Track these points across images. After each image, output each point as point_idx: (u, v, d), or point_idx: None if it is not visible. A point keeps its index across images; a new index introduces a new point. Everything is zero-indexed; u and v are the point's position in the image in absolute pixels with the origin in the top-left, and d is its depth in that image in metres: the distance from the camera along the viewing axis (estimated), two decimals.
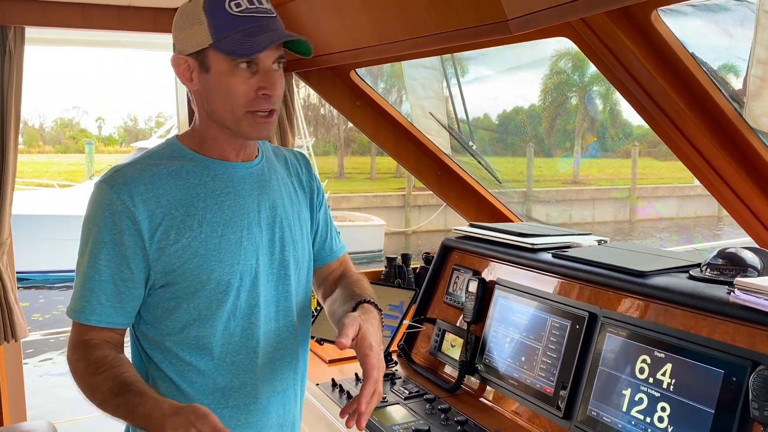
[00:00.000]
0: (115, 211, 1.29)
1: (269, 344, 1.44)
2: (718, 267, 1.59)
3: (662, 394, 1.47)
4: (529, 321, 1.88)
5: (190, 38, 1.31)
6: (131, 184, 1.30)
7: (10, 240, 2.74)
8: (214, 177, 1.37)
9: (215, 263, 1.34)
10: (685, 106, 1.81)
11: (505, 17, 1.77)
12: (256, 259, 1.39)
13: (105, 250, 1.30)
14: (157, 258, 1.31)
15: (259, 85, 1.31)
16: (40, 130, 45.90)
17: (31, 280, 12.29)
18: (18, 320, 2.75)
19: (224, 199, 1.37)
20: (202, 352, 1.37)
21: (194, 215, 1.33)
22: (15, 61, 2.57)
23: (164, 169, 1.34)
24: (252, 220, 1.39)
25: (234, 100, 1.31)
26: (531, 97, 24.48)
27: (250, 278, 1.38)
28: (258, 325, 1.41)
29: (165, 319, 1.36)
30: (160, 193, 1.32)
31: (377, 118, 3.07)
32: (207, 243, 1.33)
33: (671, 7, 1.65)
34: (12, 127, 2.61)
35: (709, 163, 1.91)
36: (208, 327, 1.36)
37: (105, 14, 2.67)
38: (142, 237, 1.30)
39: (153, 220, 1.30)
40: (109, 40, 3.45)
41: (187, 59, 1.33)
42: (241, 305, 1.38)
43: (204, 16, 1.29)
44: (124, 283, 1.31)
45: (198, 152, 1.39)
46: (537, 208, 20.18)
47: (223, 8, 1.28)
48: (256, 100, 1.31)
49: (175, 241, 1.31)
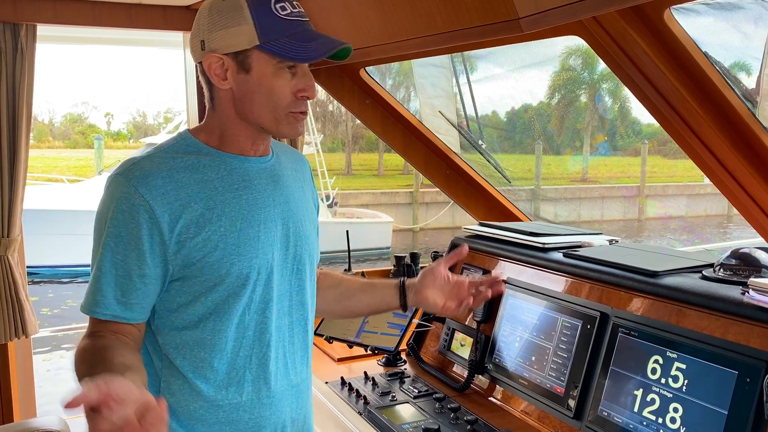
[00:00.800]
0: (133, 205, 1.27)
1: (282, 338, 1.45)
2: (731, 267, 1.58)
3: (675, 395, 1.46)
4: (539, 320, 1.87)
5: (230, 37, 1.29)
6: (149, 177, 1.29)
7: (21, 237, 2.75)
8: (231, 171, 1.37)
9: (235, 257, 1.34)
10: (697, 105, 1.80)
11: (516, 15, 1.76)
12: (272, 254, 1.40)
13: (121, 244, 1.28)
14: (176, 252, 1.30)
15: (298, 87, 1.33)
16: (49, 125, 46.09)
17: (40, 274, 12.37)
18: (29, 317, 2.77)
19: (241, 193, 1.37)
20: (216, 346, 1.37)
21: (213, 209, 1.33)
22: (27, 58, 2.58)
23: (181, 162, 1.33)
24: (268, 214, 1.40)
25: (277, 101, 1.33)
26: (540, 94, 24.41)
27: (266, 272, 1.39)
28: (271, 319, 1.41)
29: (180, 312, 1.36)
30: (178, 186, 1.31)
31: (386, 116, 3.07)
32: (226, 237, 1.33)
33: (684, 6, 1.63)
34: (24, 124, 2.63)
35: (720, 162, 1.90)
36: (224, 321, 1.36)
37: (115, 12, 2.68)
38: (162, 231, 1.28)
39: (173, 213, 1.29)
40: (118, 38, 3.47)
41: (222, 58, 1.31)
42: (256, 299, 1.38)
43: (249, 16, 1.28)
44: (141, 278, 1.30)
45: (213, 147, 1.39)
46: (545, 206, 20.14)
47: (270, 10, 1.28)
48: (296, 102, 1.34)
49: (195, 234, 1.30)
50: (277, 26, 1.29)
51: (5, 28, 2.53)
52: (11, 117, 2.60)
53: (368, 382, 2.05)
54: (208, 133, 1.40)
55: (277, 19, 1.29)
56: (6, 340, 2.72)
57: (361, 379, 2.08)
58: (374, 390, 1.99)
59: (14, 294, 2.72)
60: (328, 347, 2.38)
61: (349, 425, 1.87)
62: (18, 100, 2.59)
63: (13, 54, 2.56)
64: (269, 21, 1.28)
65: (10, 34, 2.54)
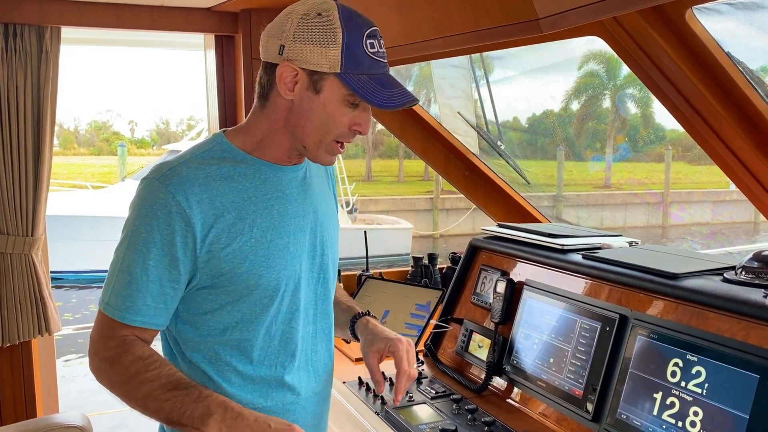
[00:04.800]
0: (170, 211, 1.25)
1: (307, 346, 1.45)
2: (753, 270, 1.56)
3: (695, 399, 1.44)
4: (558, 322, 1.86)
5: (314, 55, 1.26)
6: (186, 185, 1.27)
7: (45, 236, 2.80)
8: (265, 181, 1.36)
9: (264, 269, 1.33)
10: (720, 107, 1.77)
11: (536, 16, 1.75)
12: (300, 265, 1.40)
13: (155, 250, 1.26)
14: (206, 261, 1.29)
15: (355, 121, 1.32)
16: (75, 132, 46.83)
17: (64, 279, 12.52)
18: (52, 314, 2.81)
19: (273, 203, 1.36)
20: (242, 354, 1.37)
21: (245, 219, 1.32)
22: (51, 60, 2.63)
23: (217, 171, 1.31)
24: (297, 225, 1.40)
25: (331, 128, 1.31)
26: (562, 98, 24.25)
27: (293, 283, 1.39)
28: (297, 328, 1.42)
29: (206, 319, 1.35)
30: (213, 195, 1.29)
31: (405, 118, 3.07)
32: (257, 248, 1.32)
33: (707, 6, 1.61)
34: (48, 125, 2.67)
35: (745, 166, 1.87)
36: (251, 330, 1.36)
37: (138, 14, 2.72)
38: (195, 239, 1.27)
39: (206, 222, 1.28)
40: (140, 40, 3.52)
41: (298, 70, 1.28)
42: (283, 309, 1.39)
43: (341, 42, 1.25)
44: (171, 284, 1.29)
45: (248, 152, 1.37)
46: (568, 211, 19.98)
47: (360, 43, 1.26)
48: (348, 133, 1.33)
49: (226, 245, 1.29)
50: (363, 61, 1.27)
51: (30, 31, 2.58)
52: (36, 118, 2.65)
53: (386, 382, 2.05)
54: (246, 135, 1.38)
55: (363, 54, 1.27)
56: (30, 337, 2.77)
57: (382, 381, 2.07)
58: (392, 390, 1.99)
59: (38, 292, 2.76)
60: (345, 347, 2.38)
61: (367, 425, 1.87)
62: (42, 101, 2.64)
63: (39, 56, 2.61)
64: (357, 54, 1.26)
65: (36, 37, 2.59)
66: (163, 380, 1.25)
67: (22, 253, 2.71)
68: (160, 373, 1.26)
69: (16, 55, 2.57)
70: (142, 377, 1.26)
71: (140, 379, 1.26)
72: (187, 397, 1.22)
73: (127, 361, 1.27)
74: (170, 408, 1.22)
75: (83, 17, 2.62)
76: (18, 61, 2.58)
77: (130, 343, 1.29)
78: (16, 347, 2.80)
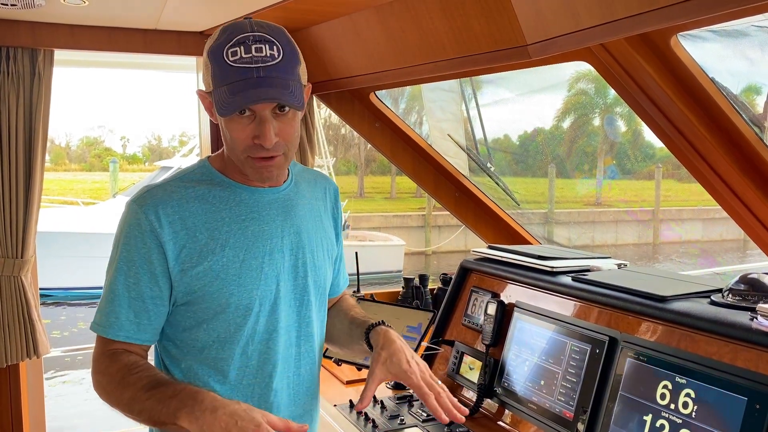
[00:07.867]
0: (144, 231, 1.32)
1: (288, 369, 1.45)
2: (740, 292, 1.58)
3: (684, 421, 1.45)
4: (548, 344, 1.86)
5: (204, 77, 1.34)
6: (159, 206, 1.33)
7: (34, 258, 2.79)
8: (240, 202, 1.39)
9: (235, 287, 1.35)
10: (705, 130, 1.80)
11: (524, 42, 1.78)
12: (276, 285, 1.40)
13: (134, 268, 1.33)
14: (179, 278, 1.34)
15: (254, 133, 1.29)
16: (66, 148, 46.67)
17: (54, 296, 12.43)
18: (40, 337, 2.79)
19: (249, 224, 1.38)
20: (219, 374, 1.38)
21: (217, 239, 1.35)
22: (44, 82, 2.64)
23: (192, 192, 1.36)
24: (275, 245, 1.41)
25: (234, 144, 1.32)
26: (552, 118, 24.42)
27: (269, 303, 1.39)
28: (276, 350, 1.42)
29: (186, 337, 1.39)
30: (186, 215, 1.34)
31: (396, 140, 3.10)
32: (228, 267, 1.35)
33: (691, 33, 1.65)
34: (39, 148, 2.68)
35: (729, 187, 1.90)
36: (227, 350, 1.38)
37: (130, 37, 2.73)
38: (167, 257, 1.32)
39: (177, 241, 1.33)
40: (133, 62, 3.53)
41: (206, 95, 1.35)
42: (260, 330, 1.39)
43: (209, 59, 1.29)
44: (153, 300, 1.34)
45: (228, 176, 1.41)
46: (559, 230, 20.04)
47: (221, 56, 1.26)
48: (253, 147, 1.30)
49: (196, 263, 1.33)
50: (223, 73, 1.26)
51: (23, 54, 2.59)
52: (28, 140, 2.65)
53: (377, 405, 2.05)
54: (222, 161, 1.43)
55: (224, 66, 1.26)
56: (18, 360, 2.75)
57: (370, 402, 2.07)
58: (383, 413, 1.98)
59: (27, 314, 2.75)
60: (336, 369, 2.38)
61: None
62: (35, 123, 2.65)
63: (31, 78, 2.62)
64: (219, 67, 1.27)
65: (28, 59, 2.60)
66: (144, 381, 1.28)
67: (12, 275, 2.70)
68: (142, 375, 1.29)
69: (8, 78, 2.58)
70: (126, 381, 1.29)
71: (124, 383, 1.29)
72: (164, 394, 1.24)
73: (114, 369, 1.32)
74: (151, 407, 1.24)
75: (76, 40, 2.64)
76: (11, 84, 2.58)
77: (118, 354, 1.34)
78: (3, 370, 2.79)
